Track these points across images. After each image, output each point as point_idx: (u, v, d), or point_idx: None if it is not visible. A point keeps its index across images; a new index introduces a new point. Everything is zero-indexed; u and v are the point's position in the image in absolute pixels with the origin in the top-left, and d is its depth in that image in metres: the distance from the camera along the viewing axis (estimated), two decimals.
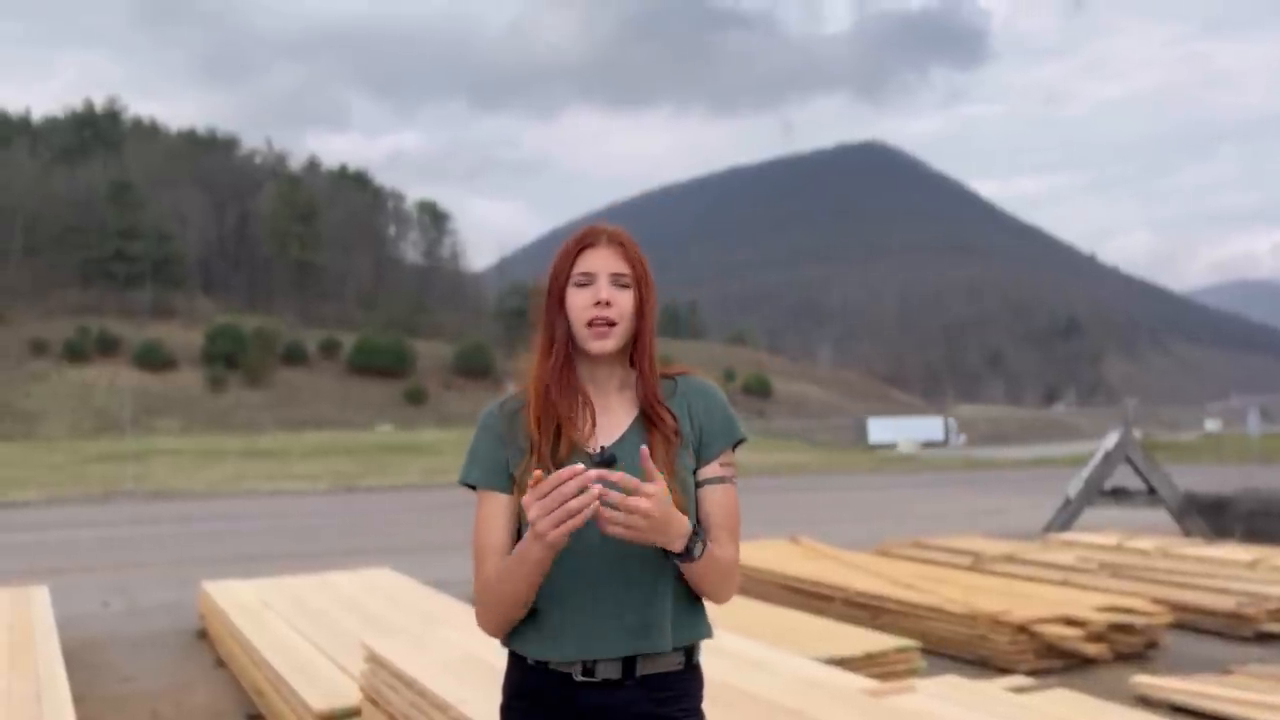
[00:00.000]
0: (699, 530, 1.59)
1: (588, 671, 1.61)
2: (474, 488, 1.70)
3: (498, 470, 1.68)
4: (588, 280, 1.65)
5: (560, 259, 1.68)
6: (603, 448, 1.61)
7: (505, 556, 1.63)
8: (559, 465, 1.59)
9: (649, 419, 1.66)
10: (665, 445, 1.63)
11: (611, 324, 1.64)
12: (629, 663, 1.62)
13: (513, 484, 1.67)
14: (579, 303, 1.64)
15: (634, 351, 1.69)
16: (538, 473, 1.47)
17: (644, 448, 1.50)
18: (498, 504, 1.68)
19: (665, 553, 1.59)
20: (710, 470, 1.69)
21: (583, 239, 1.68)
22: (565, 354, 1.67)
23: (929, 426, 65.88)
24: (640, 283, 1.66)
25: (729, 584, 1.67)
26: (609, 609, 1.60)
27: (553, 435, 1.64)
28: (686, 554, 1.56)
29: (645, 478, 1.48)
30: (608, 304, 1.63)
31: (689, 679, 1.69)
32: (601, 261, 1.65)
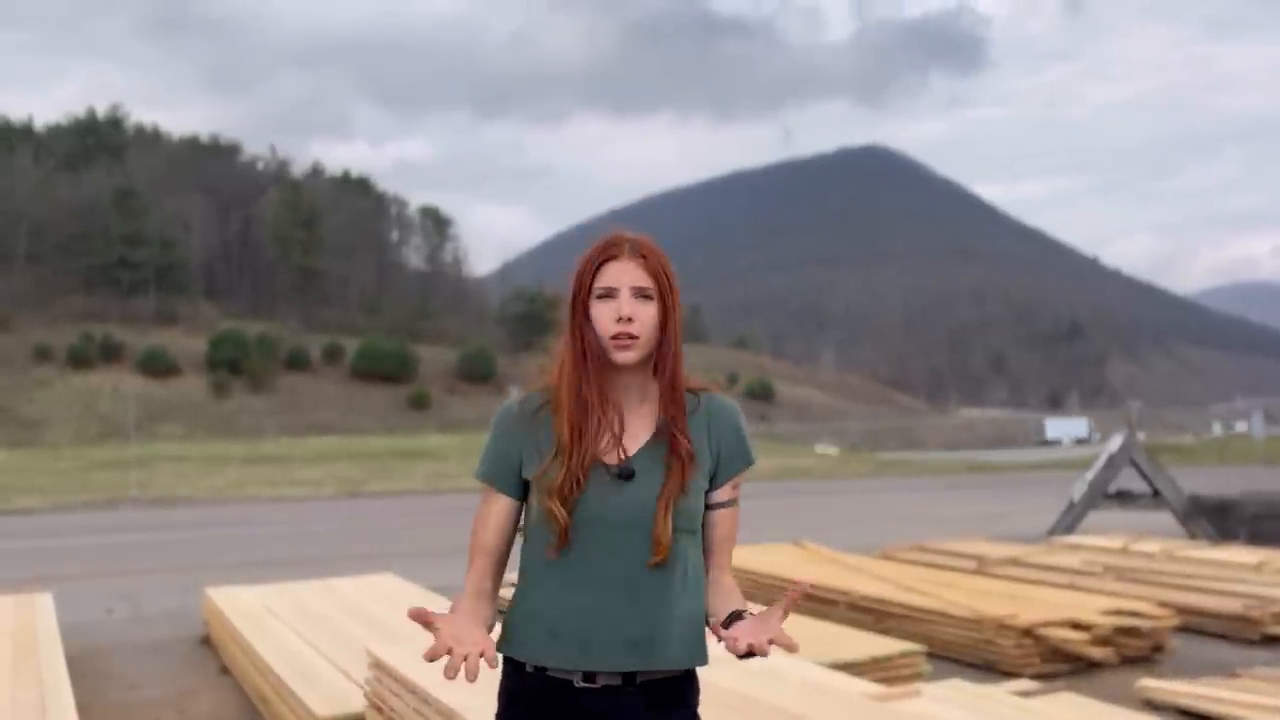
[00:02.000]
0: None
1: (588, 678, 1.62)
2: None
3: (505, 470, 1.70)
4: (610, 293, 1.63)
5: (582, 269, 1.66)
6: (623, 460, 1.64)
7: (492, 558, 1.71)
8: (583, 474, 1.62)
9: (670, 440, 1.65)
10: (681, 470, 1.63)
11: (634, 337, 1.62)
12: (630, 670, 1.63)
13: (519, 485, 1.69)
14: (603, 317, 1.63)
15: (656, 365, 1.67)
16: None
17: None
18: (497, 504, 1.71)
19: (673, 568, 1.62)
20: (723, 493, 1.70)
21: (605, 250, 1.65)
22: (595, 364, 1.65)
23: (1076, 426, 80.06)
24: (664, 295, 1.64)
25: None
26: (610, 620, 1.59)
27: (582, 445, 1.64)
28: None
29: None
30: (629, 320, 1.61)
31: (689, 684, 1.69)
32: (624, 275, 1.63)
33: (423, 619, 1.53)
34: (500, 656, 1.69)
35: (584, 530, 1.61)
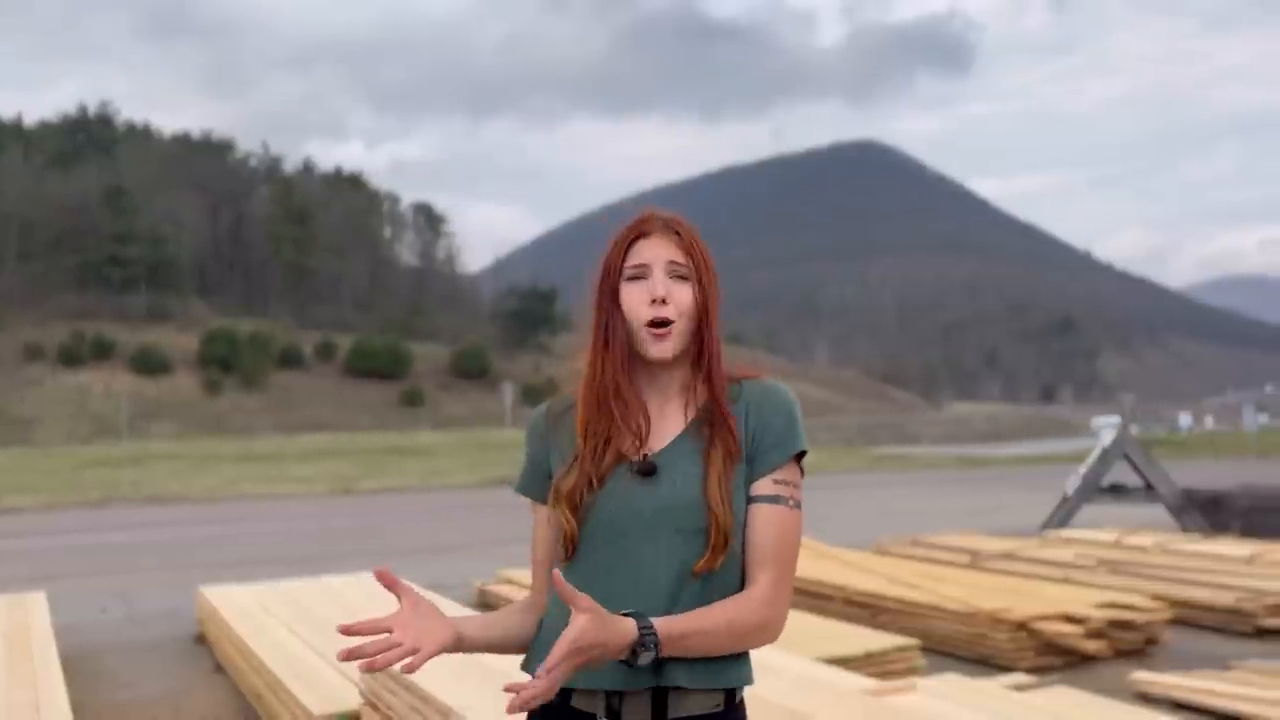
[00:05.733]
0: (648, 634, 1.35)
1: (612, 712, 1.44)
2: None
3: (539, 479, 1.57)
4: (641, 273, 1.49)
5: (612, 250, 1.52)
6: (644, 455, 1.49)
7: (544, 569, 1.57)
8: (602, 477, 1.48)
9: (711, 429, 1.48)
10: (726, 459, 1.46)
11: (669, 323, 1.47)
12: (659, 703, 1.44)
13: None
14: (634, 300, 1.48)
15: (697, 351, 1.51)
16: (556, 573, 1.32)
17: (556, 571, 1.32)
18: (539, 515, 1.58)
19: (703, 579, 1.44)
20: (762, 487, 1.48)
21: (636, 227, 1.52)
22: (624, 356, 1.51)
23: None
24: (700, 274, 1.49)
25: (752, 634, 1.46)
26: None
27: (600, 445, 1.49)
28: (628, 663, 1.36)
29: (568, 602, 1.30)
30: (664, 301, 1.46)
31: None
32: (656, 251, 1.49)
33: (391, 585, 1.40)
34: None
35: (600, 536, 1.46)
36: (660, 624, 1.37)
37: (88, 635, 7.56)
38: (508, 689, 1.31)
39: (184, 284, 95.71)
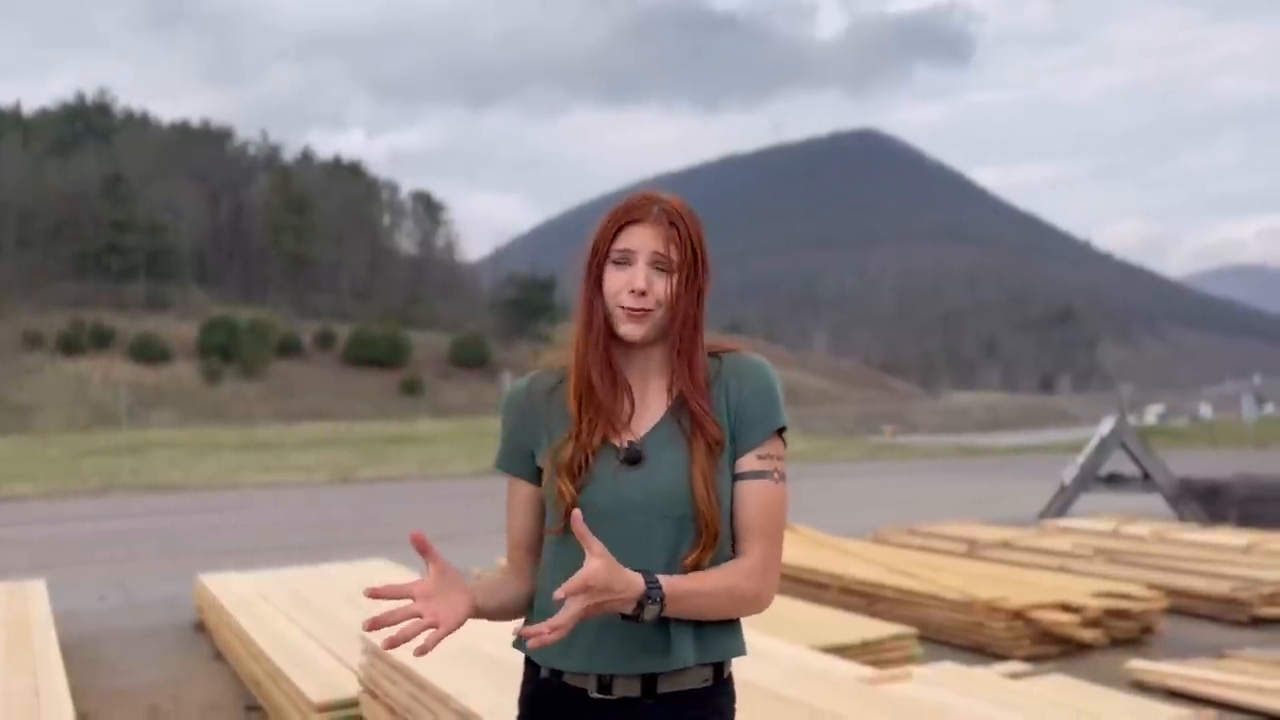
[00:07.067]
0: (654, 589, 1.39)
1: (604, 688, 1.48)
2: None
3: (519, 455, 1.58)
4: (626, 259, 1.48)
5: (602, 230, 1.50)
6: (630, 443, 1.50)
7: (524, 548, 1.61)
8: (594, 452, 1.49)
9: (693, 423, 1.49)
10: (708, 451, 1.48)
11: (647, 310, 1.47)
12: (649, 680, 1.48)
13: (537, 470, 1.56)
14: (615, 285, 1.48)
15: (675, 341, 1.51)
16: (576, 512, 1.36)
17: (576, 512, 1.35)
18: (517, 492, 1.60)
19: (690, 560, 1.47)
20: (747, 463, 1.50)
21: (629, 211, 1.49)
22: (604, 336, 1.51)
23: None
24: (686, 267, 1.48)
25: (747, 603, 1.50)
26: (620, 619, 1.42)
27: (591, 421, 1.51)
28: (634, 617, 1.39)
29: (584, 543, 1.34)
30: (642, 293, 1.46)
31: (719, 696, 1.53)
32: (644, 239, 1.47)
33: (424, 550, 1.41)
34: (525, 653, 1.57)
35: (590, 520, 1.44)
36: (665, 581, 1.41)
37: (87, 623, 7.58)
38: (522, 634, 1.36)
39: (183, 273, 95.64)
